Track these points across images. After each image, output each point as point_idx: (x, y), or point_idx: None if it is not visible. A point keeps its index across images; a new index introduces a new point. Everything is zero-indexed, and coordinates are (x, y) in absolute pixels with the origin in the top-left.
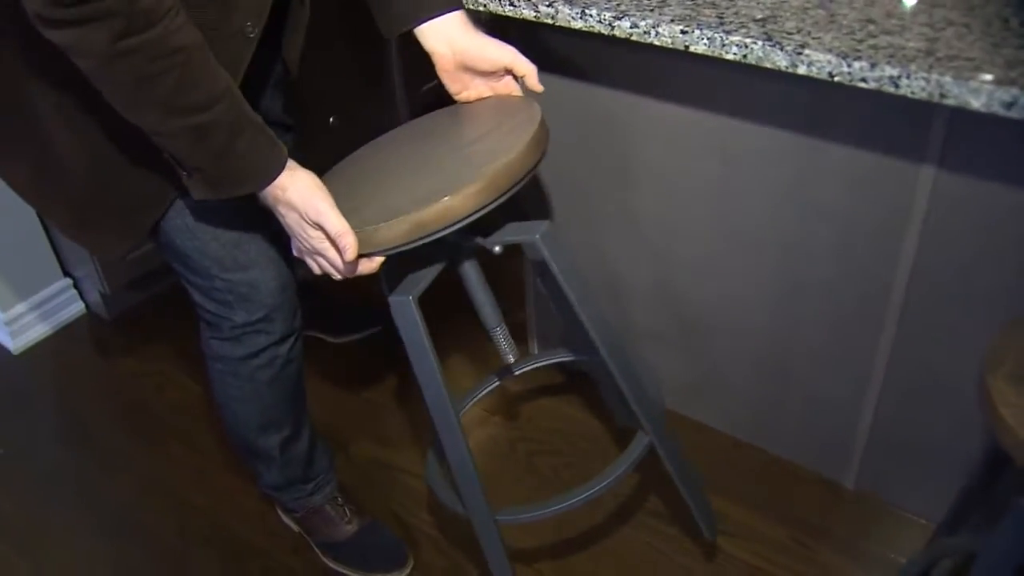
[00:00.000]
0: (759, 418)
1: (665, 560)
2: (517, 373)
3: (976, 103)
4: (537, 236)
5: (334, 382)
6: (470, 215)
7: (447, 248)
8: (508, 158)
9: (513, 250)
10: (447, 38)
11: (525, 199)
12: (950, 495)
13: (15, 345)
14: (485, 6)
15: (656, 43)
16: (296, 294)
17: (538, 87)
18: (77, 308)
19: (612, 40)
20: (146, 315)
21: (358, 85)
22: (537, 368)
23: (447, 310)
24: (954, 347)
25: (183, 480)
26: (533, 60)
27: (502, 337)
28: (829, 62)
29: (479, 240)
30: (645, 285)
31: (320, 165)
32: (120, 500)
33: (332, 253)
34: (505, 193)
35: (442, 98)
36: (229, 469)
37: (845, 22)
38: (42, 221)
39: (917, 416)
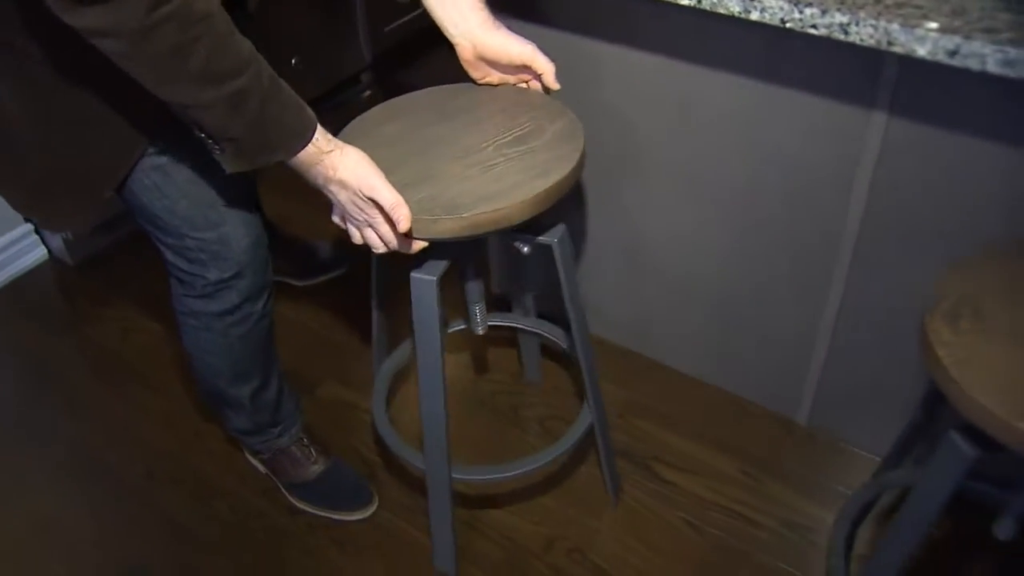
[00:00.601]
0: (713, 357)
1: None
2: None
3: (922, 51)
4: (556, 240)
5: (300, 325)
6: (520, 223)
7: (480, 241)
8: (560, 177)
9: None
10: (468, 31)
11: None
12: (898, 431)
13: None
14: None
15: None
16: (267, 249)
17: (555, 85)
18: (40, 253)
19: None
20: (110, 260)
21: (319, 25)
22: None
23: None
24: (903, 288)
25: (149, 423)
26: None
27: (478, 312)
28: (781, 8)
29: (514, 243)
30: (603, 224)
31: None
32: (86, 443)
33: (385, 227)
34: (552, 206)
35: (406, 40)
36: (196, 412)
37: None
38: None
39: (868, 354)
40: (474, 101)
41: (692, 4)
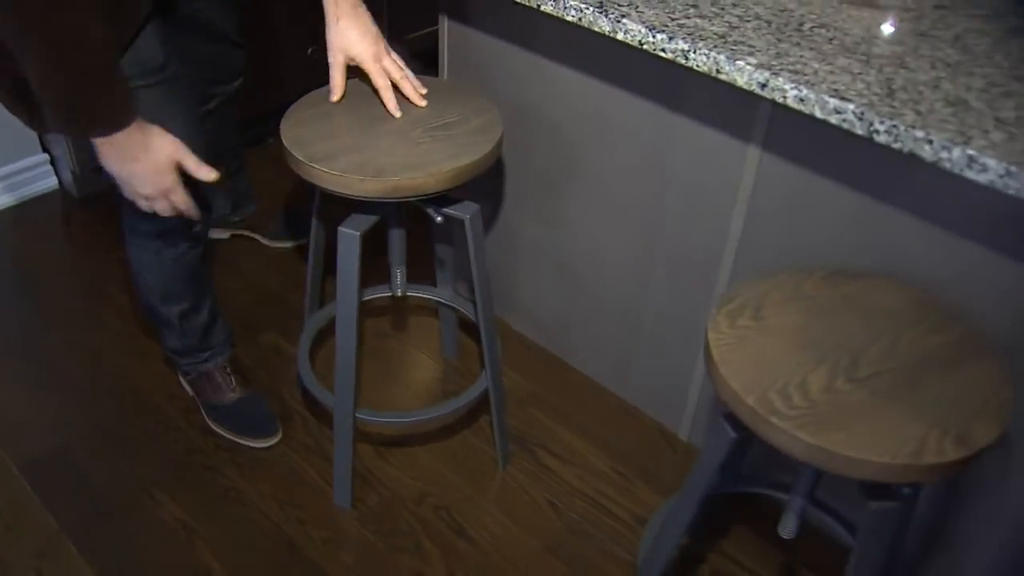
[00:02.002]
0: (614, 364)
1: (493, 464)
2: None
3: (740, 80)
4: (468, 216)
5: (263, 280)
6: (436, 193)
7: (399, 206)
8: (474, 159)
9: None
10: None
11: None
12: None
13: None
14: None
15: (516, 0)
16: (209, 193)
17: (415, 99)
18: (51, 183)
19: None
20: (111, 197)
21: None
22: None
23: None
24: None
25: (107, 340)
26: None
27: (399, 275)
28: (640, 31)
29: (428, 209)
30: (536, 228)
31: (297, 92)
32: (49, 347)
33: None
34: (467, 181)
35: (428, 49)
36: (147, 336)
37: (675, 3)
38: None
39: None
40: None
41: (575, 21)
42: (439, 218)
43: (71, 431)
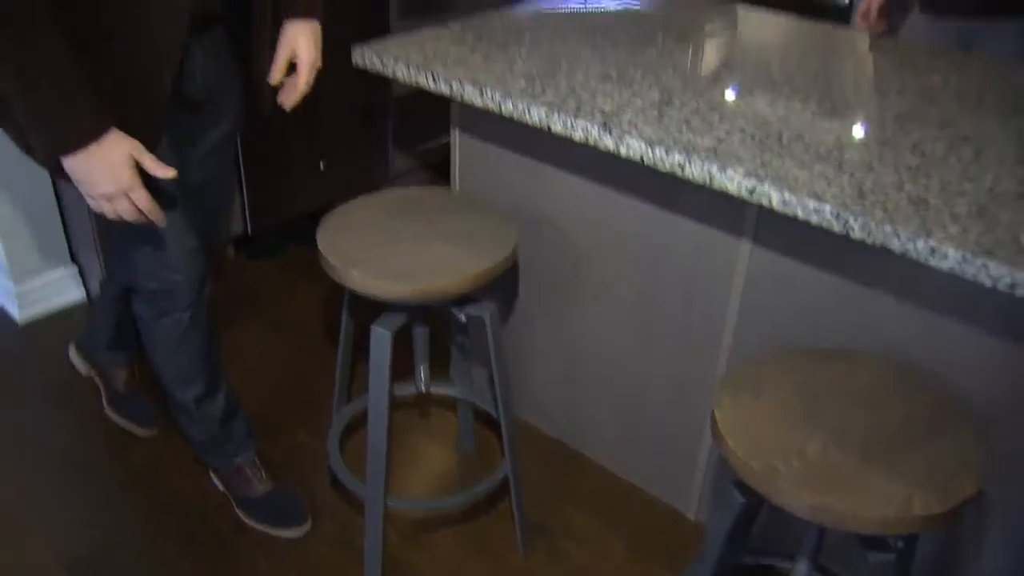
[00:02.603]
0: (624, 451)
1: (513, 548)
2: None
3: (731, 188)
4: (488, 315)
5: (284, 371)
6: (461, 294)
7: (424, 306)
8: (492, 264)
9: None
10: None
11: None
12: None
13: (21, 316)
14: (416, 82)
15: (527, 122)
16: (204, 269)
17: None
18: (78, 294)
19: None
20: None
21: (351, 135)
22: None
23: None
24: None
25: (139, 441)
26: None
27: (423, 371)
28: (640, 148)
29: (452, 309)
30: (540, 329)
31: (309, 205)
32: (85, 452)
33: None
34: (486, 285)
35: (436, 162)
36: (176, 435)
37: (669, 121)
38: (60, 208)
39: None
40: (437, 203)
41: (584, 140)
42: (463, 318)
43: (110, 530)
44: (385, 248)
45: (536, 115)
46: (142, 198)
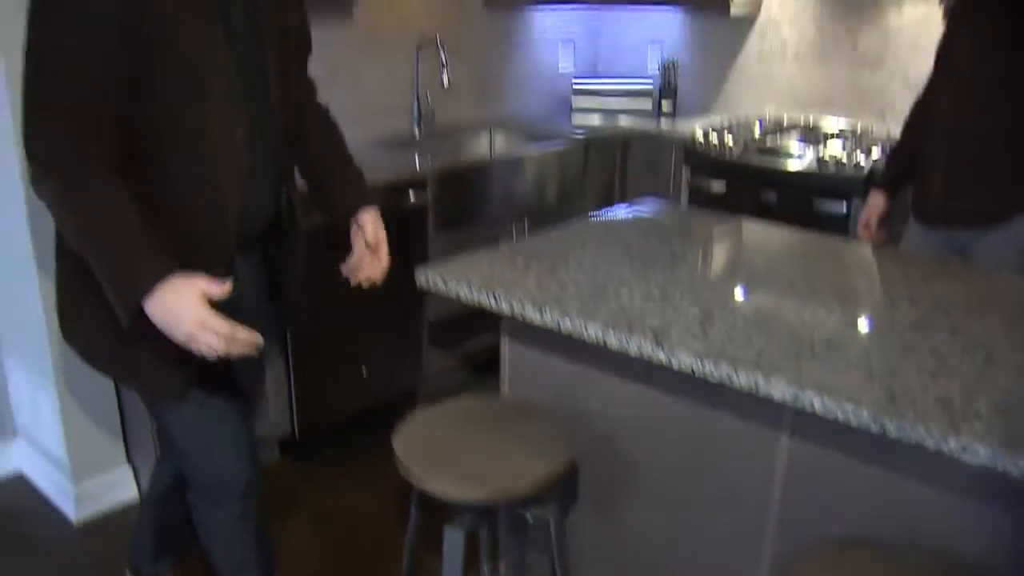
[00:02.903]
0: None
1: None
2: None
3: (775, 395)
4: (552, 515)
5: (339, 569)
6: (528, 497)
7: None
8: (561, 465)
9: None
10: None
11: None
12: None
13: (76, 517)
14: (478, 302)
15: (584, 338)
16: (255, 461)
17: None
18: (133, 494)
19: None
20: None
21: (388, 341)
22: None
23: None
24: None
25: None
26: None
27: (486, 569)
28: (691, 361)
29: (519, 511)
30: (590, 524)
31: (352, 409)
32: None
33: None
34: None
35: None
36: None
37: (714, 336)
38: (120, 409)
39: None
40: (496, 411)
41: (639, 354)
42: (530, 518)
43: None
44: (458, 454)
45: (593, 332)
46: (222, 326)
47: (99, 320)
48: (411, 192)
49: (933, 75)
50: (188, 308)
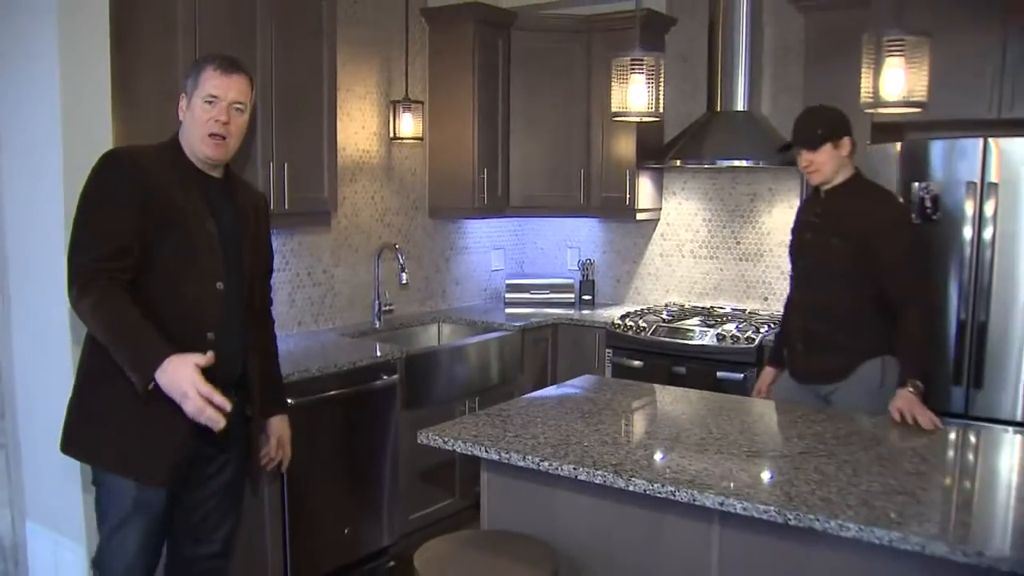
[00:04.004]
0: None
1: None
2: None
3: (708, 504)
4: None
5: None
6: None
7: None
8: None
9: None
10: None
11: None
12: None
13: None
14: (471, 452)
15: (559, 474)
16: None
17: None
18: None
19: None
20: None
21: (367, 506)
22: None
23: None
24: None
25: None
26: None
27: None
28: (644, 484)
29: None
30: None
31: (337, 563)
32: None
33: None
34: None
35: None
36: None
37: (657, 468)
38: None
39: None
40: (494, 537)
41: (603, 483)
42: None
43: None
44: (468, 570)
45: (566, 470)
46: (206, 387)
47: (100, 424)
48: (383, 375)
49: (791, 262)
50: (185, 374)
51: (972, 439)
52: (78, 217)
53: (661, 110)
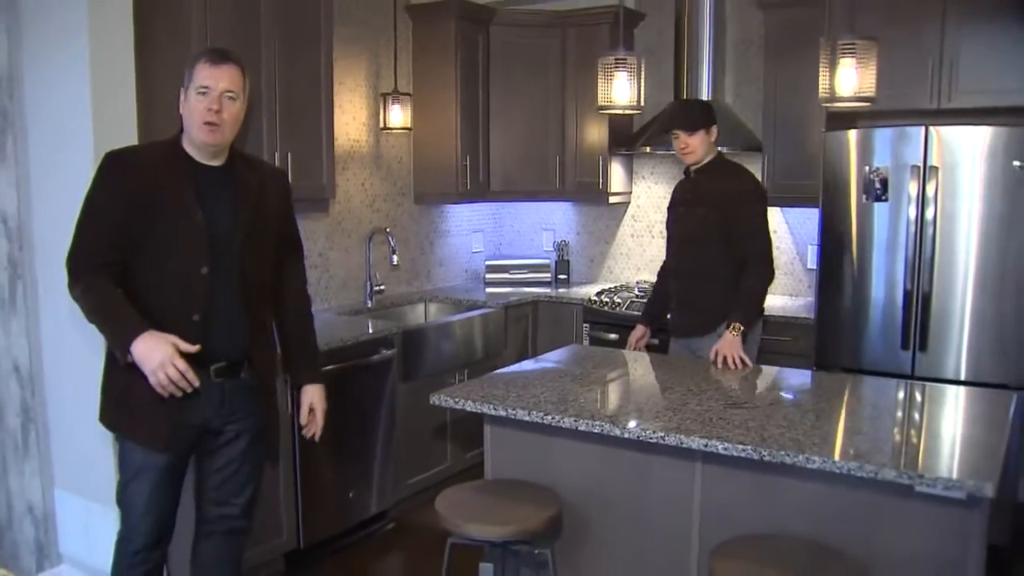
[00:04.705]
0: None
1: None
2: None
3: (693, 446)
4: (550, 551)
5: None
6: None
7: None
8: (553, 512)
9: None
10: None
11: None
12: None
13: None
14: (480, 411)
15: (561, 426)
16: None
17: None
18: None
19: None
20: None
21: (367, 472)
22: None
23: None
24: None
25: None
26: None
27: None
28: (637, 430)
29: (526, 547)
30: (571, 558)
31: (340, 527)
32: None
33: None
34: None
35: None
36: None
37: (647, 417)
38: None
39: None
40: (501, 485)
41: (599, 431)
42: (536, 552)
43: None
44: (484, 510)
45: (568, 422)
46: (180, 364)
47: (115, 397)
48: (382, 349)
49: (667, 235)
50: (160, 349)
51: (915, 393)
52: (78, 216)
53: (642, 103)
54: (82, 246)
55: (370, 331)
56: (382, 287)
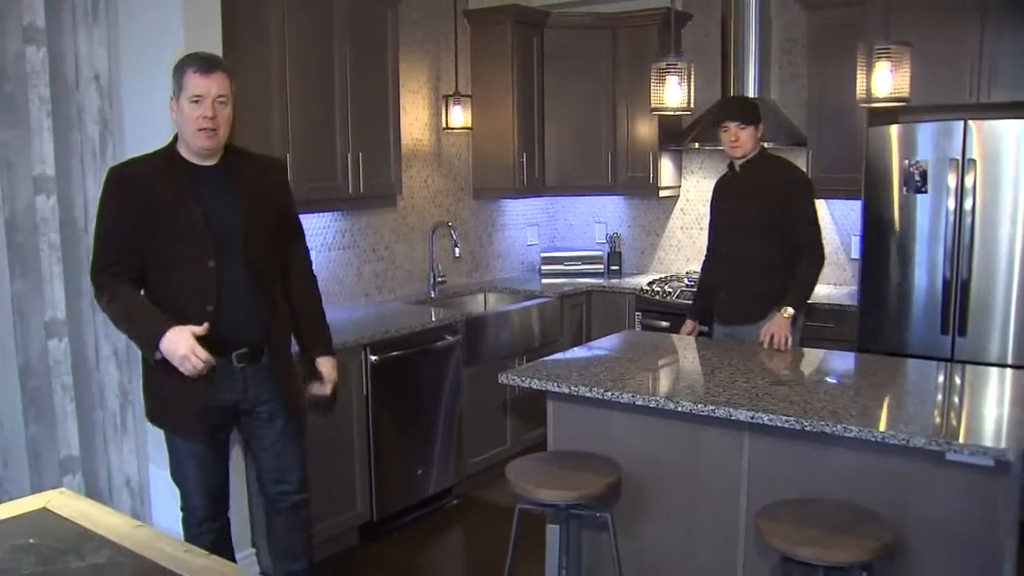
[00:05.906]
0: None
1: None
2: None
3: (742, 418)
4: (610, 514)
5: None
6: (596, 498)
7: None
8: (614, 478)
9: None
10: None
11: None
12: None
13: None
14: (546, 389)
15: (620, 402)
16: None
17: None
18: (255, 571)
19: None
20: None
21: (432, 451)
22: None
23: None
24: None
25: None
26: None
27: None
28: (691, 406)
29: (590, 511)
30: (628, 524)
31: (409, 501)
32: None
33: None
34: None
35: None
36: None
37: (700, 393)
38: (249, 500)
39: None
40: (564, 455)
41: (655, 407)
42: (597, 515)
43: None
44: (550, 476)
45: (626, 398)
46: (202, 353)
47: (155, 393)
48: (447, 336)
49: (711, 228)
50: (182, 341)
51: (953, 373)
52: (94, 233)
53: (692, 105)
54: (101, 261)
55: (434, 319)
56: (444, 278)
